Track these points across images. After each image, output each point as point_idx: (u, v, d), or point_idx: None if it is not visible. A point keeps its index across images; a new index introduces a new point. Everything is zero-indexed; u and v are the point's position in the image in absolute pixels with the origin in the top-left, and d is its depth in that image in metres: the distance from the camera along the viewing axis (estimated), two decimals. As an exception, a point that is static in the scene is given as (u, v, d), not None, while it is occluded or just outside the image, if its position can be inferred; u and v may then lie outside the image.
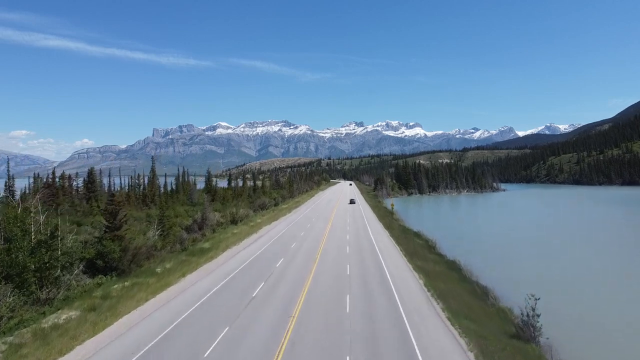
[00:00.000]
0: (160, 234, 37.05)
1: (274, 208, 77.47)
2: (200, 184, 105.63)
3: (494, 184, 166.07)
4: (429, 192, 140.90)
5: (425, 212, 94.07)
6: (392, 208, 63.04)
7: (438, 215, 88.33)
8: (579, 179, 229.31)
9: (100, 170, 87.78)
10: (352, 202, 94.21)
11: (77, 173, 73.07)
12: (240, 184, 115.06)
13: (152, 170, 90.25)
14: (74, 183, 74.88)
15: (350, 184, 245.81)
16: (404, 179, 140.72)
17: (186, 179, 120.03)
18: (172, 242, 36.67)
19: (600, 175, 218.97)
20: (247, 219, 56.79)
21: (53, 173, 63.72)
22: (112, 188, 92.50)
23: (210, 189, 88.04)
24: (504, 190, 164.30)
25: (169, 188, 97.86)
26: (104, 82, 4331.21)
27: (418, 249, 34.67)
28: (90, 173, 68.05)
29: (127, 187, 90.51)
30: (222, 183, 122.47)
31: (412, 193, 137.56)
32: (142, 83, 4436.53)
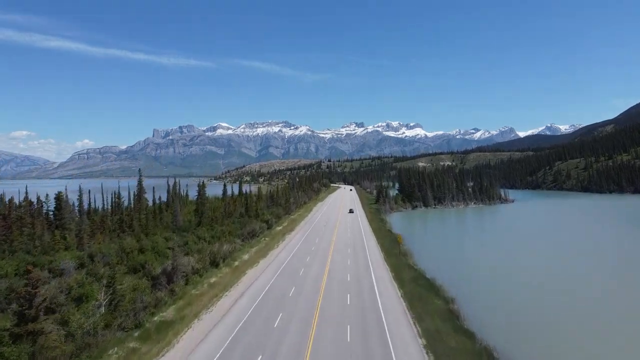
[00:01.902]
0: (110, 302, 29.18)
1: (265, 234, 69.68)
2: (195, 190, 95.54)
3: (502, 194, 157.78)
4: (435, 205, 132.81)
5: (435, 237, 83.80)
6: (400, 244, 55.00)
7: (449, 240, 78.46)
8: (587, 186, 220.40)
9: (80, 189, 79.60)
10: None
11: (47, 195, 65.18)
12: (237, 191, 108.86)
13: (139, 184, 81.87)
14: (44, 207, 66.95)
15: (351, 189, 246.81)
16: (408, 191, 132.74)
17: (178, 190, 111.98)
18: (126, 311, 28.65)
19: (610, 182, 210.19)
20: (231, 257, 49.00)
21: (10, 201, 55.85)
22: (92, 205, 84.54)
23: (198, 207, 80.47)
24: (512, 201, 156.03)
25: (160, 197, 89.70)
26: (104, 82, 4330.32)
27: (439, 325, 27.12)
28: (58, 198, 60.23)
29: (113, 195, 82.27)
30: (220, 187, 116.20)
31: (416, 206, 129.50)
32: (142, 83, 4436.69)
